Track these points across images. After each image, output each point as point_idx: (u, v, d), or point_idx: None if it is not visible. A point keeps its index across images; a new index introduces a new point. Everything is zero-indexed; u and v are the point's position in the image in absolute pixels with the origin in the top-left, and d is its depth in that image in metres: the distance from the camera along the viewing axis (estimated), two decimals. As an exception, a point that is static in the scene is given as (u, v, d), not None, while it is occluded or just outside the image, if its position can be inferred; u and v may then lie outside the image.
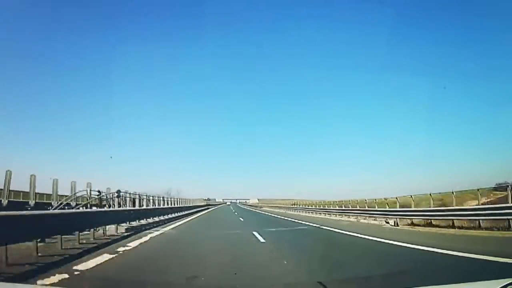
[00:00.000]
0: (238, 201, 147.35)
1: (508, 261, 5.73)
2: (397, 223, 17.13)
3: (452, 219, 13.95)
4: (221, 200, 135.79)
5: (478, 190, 14.77)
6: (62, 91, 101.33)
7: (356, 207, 25.08)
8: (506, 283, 2.25)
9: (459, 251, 7.02)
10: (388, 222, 17.86)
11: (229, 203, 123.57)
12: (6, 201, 11.24)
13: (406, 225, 16.62)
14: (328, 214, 29.01)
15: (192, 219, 24.86)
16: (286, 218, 25.88)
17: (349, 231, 13.18)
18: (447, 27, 69.97)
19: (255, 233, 12.25)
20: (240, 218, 26.78)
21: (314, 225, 17.48)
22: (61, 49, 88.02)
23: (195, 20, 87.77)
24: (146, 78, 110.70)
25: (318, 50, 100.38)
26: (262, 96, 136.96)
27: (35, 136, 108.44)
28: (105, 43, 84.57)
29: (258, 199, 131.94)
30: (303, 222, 19.86)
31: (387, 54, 68.71)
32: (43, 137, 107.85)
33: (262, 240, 10.38)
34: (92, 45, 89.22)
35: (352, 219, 22.77)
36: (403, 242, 9.05)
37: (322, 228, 15.58)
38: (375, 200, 23.46)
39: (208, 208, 60.04)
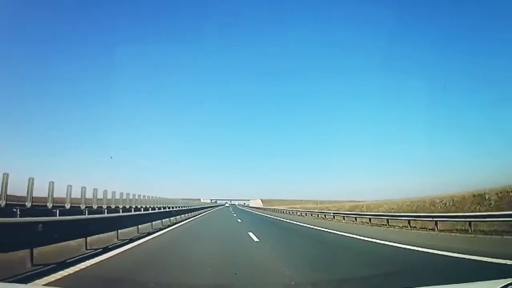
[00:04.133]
0: (236, 202, 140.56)
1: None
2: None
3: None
4: (209, 201, 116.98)
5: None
6: (62, 92, 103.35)
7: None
8: (506, 283, 2.29)
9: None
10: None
11: (228, 205, 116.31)
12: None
13: None
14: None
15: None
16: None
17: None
18: (447, 27, 73.02)
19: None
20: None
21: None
22: (61, 50, 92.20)
23: (195, 21, 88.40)
24: (146, 79, 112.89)
25: (318, 51, 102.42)
26: (262, 96, 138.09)
27: (33, 136, 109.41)
28: (105, 44, 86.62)
29: (261, 200, 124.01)
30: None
31: (387, 54, 70.12)
32: (41, 138, 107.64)
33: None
34: (92, 46, 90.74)
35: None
36: None
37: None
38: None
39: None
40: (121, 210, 21.40)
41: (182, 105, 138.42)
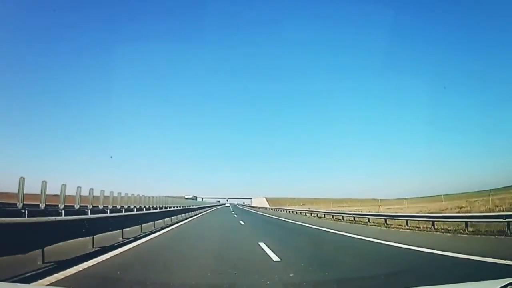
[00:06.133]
0: (236, 202, 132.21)
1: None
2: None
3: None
4: (201, 199, 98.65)
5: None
6: (62, 92, 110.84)
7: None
8: (506, 283, 2.28)
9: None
10: None
11: (228, 205, 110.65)
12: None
13: None
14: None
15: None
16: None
17: None
18: (447, 27, 72.17)
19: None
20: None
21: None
22: (62, 51, 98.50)
23: (195, 21, 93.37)
24: (146, 79, 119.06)
25: (319, 51, 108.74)
26: (262, 95, 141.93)
27: (33, 137, 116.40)
28: (105, 44, 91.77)
29: (266, 199, 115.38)
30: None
31: (387, 54, 74.69)
32: (39, 138, 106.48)
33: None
34: (93, 46, 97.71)
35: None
36: None
37: None
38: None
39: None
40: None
41: (182, 104, 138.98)
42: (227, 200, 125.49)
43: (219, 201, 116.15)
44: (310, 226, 18.71)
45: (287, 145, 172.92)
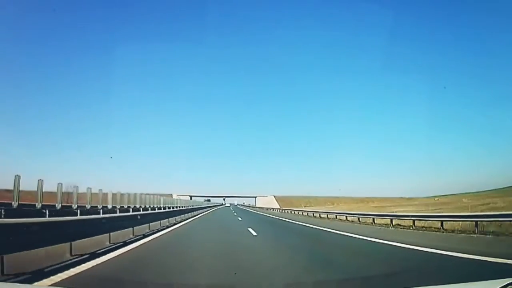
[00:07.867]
0: (236, 202, 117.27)
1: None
2: None
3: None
4: (188, 198, 75.91)
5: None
6: (62, 92, 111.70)
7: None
8: (506, 283, 2.29)
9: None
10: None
11: (229, 204, 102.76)
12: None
13: None
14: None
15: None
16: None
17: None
18: (447, 28, 70.96)
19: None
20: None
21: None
22: (62, 51, 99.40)
23: (195, 21, 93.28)
24: (146, 79, 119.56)
25: (319, 51, 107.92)
26: (262, 95, 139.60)
27: (33, 136, 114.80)
28: (105, 44, 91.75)
29: (275, 197, 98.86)
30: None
31: (387, 54, 74.48)
32: (40, 138, 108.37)
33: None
34: (92, 46, 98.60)
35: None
36: None
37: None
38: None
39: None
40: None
41: (182, 104, 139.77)
42: (224, 199, 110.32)
43: (209, 200, 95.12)
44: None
45: (289, 144, 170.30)
